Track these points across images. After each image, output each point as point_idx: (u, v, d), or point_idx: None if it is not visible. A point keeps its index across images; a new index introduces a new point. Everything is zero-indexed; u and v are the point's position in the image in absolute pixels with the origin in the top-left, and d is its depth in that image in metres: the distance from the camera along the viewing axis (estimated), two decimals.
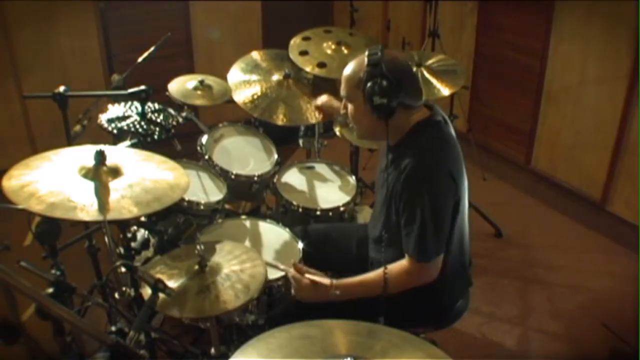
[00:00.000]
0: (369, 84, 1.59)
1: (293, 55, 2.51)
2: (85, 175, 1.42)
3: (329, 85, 2.55)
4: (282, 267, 1.79)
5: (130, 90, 2.01)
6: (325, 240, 2.10)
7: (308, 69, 2.46)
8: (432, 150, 1.64)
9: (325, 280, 1.68)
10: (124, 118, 2.08)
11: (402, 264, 1.67)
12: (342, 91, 1.72)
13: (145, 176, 1.48)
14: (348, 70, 1.69)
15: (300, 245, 2.03)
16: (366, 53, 1.63)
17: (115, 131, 2.02)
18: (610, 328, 2.49)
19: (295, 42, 2.59)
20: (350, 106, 1.72)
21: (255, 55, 2.58)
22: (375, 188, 1.95)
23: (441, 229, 1.65)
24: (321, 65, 2.48)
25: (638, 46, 2.82)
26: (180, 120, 2.17)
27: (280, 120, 2.34)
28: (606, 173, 3.12)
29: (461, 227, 1.75)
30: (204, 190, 2.27)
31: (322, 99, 2.37)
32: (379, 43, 1.76)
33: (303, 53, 2.53)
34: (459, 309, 1.88)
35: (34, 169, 1.42)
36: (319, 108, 2.38)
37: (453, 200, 1.66)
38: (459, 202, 1.68)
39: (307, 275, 1.69)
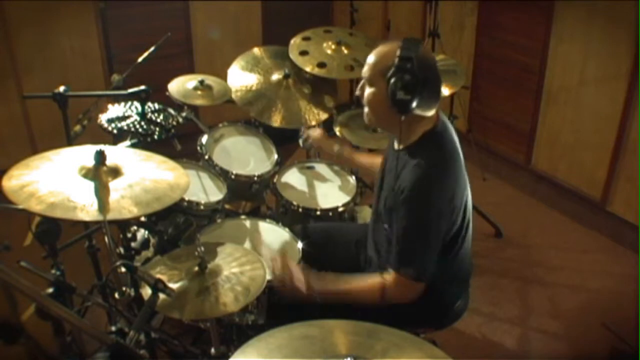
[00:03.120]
0: (395, 76, 1.55)
1: (293, 55, 2.51)
2: (85, 175, 1.42)
3: (329, 85, 2.55)
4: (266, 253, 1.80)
5: (130, 90, 2.01)
6: (325, 239, 2.10)
7: (308, 68, 2.46)
8: (434, 171, 1.60)
9: (308, 280, 1.70)
10: (124, 118, 2.08)
11: (379, 279, 1.67)
12: (365, 73, 1.67)
13: (145, 176, 1.48)
14: (376, 55, 1.64)
15: (300, 245, 2.03)
16: (400, 43, 1.59)
17: (115, 131, 2.02)
18: (610, 328, 2.49)
19: (295, 42, 2.59)
20: (368, 90, 1.67)
21: (257, 51, 2.57)
22: (375, 189, 1.95)
23: (433, 249, 1.64)
24: (321, 65, 2.48)
25: (638, 46, 2.82)
26: (180, 120, 2.17)
27: (276, 121, 2.34)
28: (606, 173, 3.12)
29: (462, 232, 1.74)
30: (204, 190, 2.27)
31: (315, 135, 2.31)
32: (379, 43, 1.74)
33: (303, 53, 2.53)
34: (458, 309, 1.88)
35: (34, 169, 1.42)
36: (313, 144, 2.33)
37: (449, 220, 1.64)
38: (456, 214, 1.67)
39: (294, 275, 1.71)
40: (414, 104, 1.56)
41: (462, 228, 1.73)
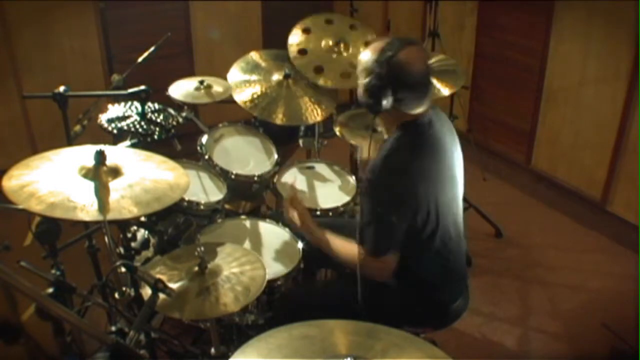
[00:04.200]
0: (366, 79, 1.62)
1: (292, 53, 2.50)
2: (85, 175, 1.42)
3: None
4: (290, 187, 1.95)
5: (130, 90, 2.01)
6: None
7: (308, 74, 2.45)
8: (399, 154, 1.64)
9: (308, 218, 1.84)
10: (124, 118, 2.08)
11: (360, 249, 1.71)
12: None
13: (145, 176, 1.48)
14: (362, 56, 1.69)
15: (301, 245, 2.03)
16: (381, 45, 1.63)
17: (115, 131, 2.02)
18: (610, 328, 2.49)
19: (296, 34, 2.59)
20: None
21: (254, 55, 2.58)
22: None
23: (391, 229, 1.65)
24: (318, 69, 2.47)
25: (638, 46, 2.82)
26: (180, 120, 2.17)
27: (279, 119, 2.34)
28: (606, 173, 3.12)
29: (451, 227, 1.75)
30: (204, 190, 2.26)
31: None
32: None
33: (302, 52, 2.53)
34: (458, 308, 1.87)
35: (34, 169, 1.42)
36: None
37: (410, 205, 1.65)
38: (422, 201, 1.67)
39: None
40: (379, 107, 1.61)
41: (449, 225, 1.74)
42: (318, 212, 2.26)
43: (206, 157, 2.36)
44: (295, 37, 2.57)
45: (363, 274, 1.66)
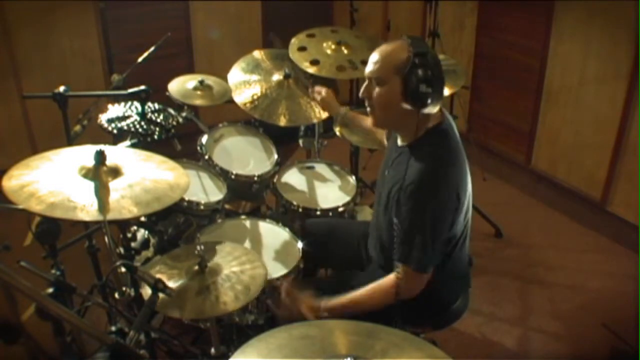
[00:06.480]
0: (415, 71, 1.55)
1: (292, 49, 2.50)
2: (85, 175, 1.42)
3: (330, 84, 2.55)
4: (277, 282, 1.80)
5: (130, 90, 2.01)
6: (328, 235, 2.10)
7: (302, 65, 2.45)
8: (440, 165, 1.62)
9: (314, 303, 1.69)
10: (124, 118, 2.08)
11: (391, 277, 1.66)
12: (373, 73, 1.64)
13: (145, 176, 1.48)
14: (386, 52, 1.62)
15: (300, 244, 2.03)
16: (408, 40, 1.59)
17: (115, 131, 2.02)
18: (610, 328, 2.49)
19: (299, 38, 2.59)
20: (377, 89, 1.64)
21: (257, 54, 2.58)
22: (377, 184, 1.94)
23: (439, 241, 1.64)
24: (314, 62, 2.47)
25: (638, 46, 2.82)
26: (180, 120, 2.17)
27: (280, 120, 2.34)
28: (606, 173, 3.12)
29: (462, 229, 1.75)
30: (204, 190, 2.27)
31: (322, 94, 2.36)
32: (380, 43, 1.74)
33: (302, 49, 2.53)
34: (458, 308, 1.87)
35: (34, 169, 1.42)
36: (319, 102, 2.38)
37: (454, 213, 1.65)
38: (460, 207, 1.67)
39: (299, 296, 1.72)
40: (430, 98, 1.57)
41: (464, 226, 1.74)
42: (318, 212, 2.26)
43: (206, 157, 2.36)
44: (299, 40, 2.58)
45: (393, 301, 1.63)
